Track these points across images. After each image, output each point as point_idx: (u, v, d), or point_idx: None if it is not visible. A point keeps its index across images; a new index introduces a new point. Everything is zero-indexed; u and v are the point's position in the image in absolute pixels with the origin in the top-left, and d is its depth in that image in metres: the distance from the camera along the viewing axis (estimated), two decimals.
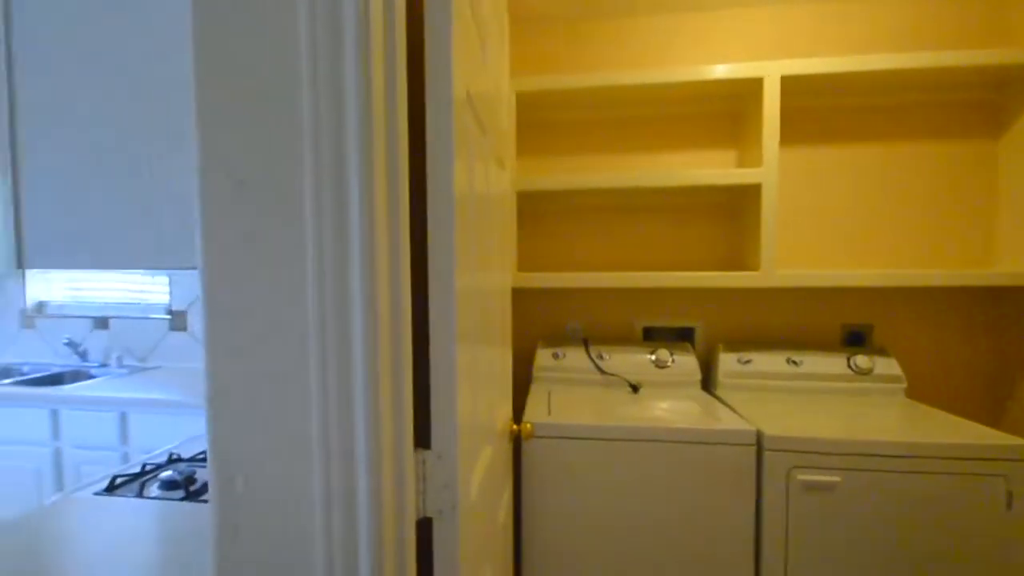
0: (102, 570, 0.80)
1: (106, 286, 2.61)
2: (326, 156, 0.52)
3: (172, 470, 1.19)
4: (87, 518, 0.97)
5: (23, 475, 2.01)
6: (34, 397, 1.96)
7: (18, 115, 0.59)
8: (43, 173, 0.60)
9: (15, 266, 0.59)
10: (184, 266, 0.58)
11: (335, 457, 0.54)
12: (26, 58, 0.60)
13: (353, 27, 0.52)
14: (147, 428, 1.90)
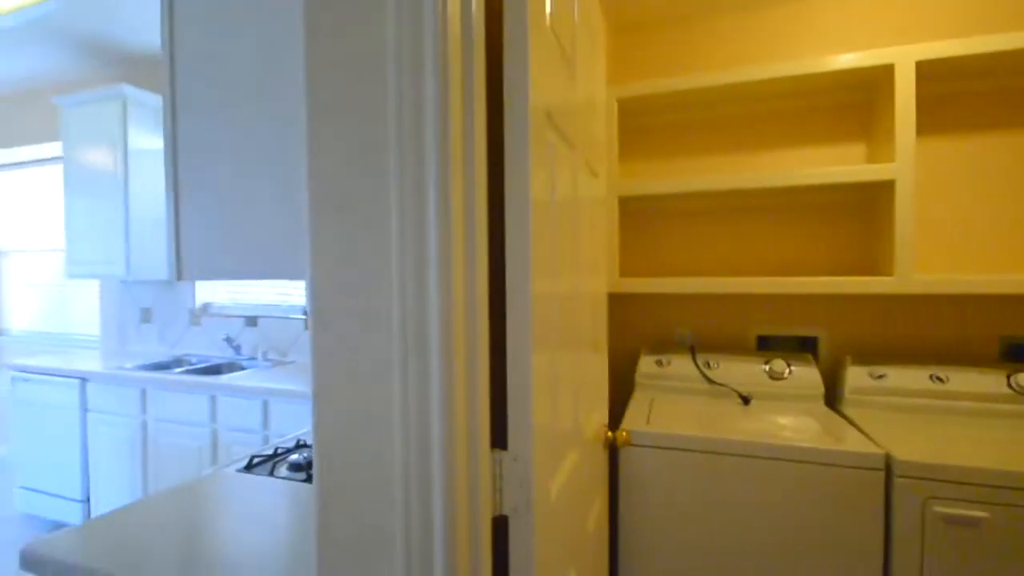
0: (240, 529, 0.94)
1: (257, 290, 3.01)
2: (409, 178, 0.57)
3: (298, 454, 1.35)
4: (230, 489, 1.14)
5: (188, 452, 2.39)
6: (198, 384, 2.33)
7: (179, 146, 0.73)
8: (198, 197, 0.73)
9: (175, 277, 0.72)
10: None
11: (413, 452, 0.59)
12: (186, 91, 0.73)
13: (433, 64, 0.56)
14: (284, 415, 2.17)
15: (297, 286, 2.91)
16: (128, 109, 2.83)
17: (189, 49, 0.80)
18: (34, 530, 2.78)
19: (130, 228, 2.85)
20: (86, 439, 2.63)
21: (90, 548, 0.89)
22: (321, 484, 0.64)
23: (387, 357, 0.60)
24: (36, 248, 4.09)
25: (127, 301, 3.34)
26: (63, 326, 3.97)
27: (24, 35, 2.79)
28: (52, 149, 3.79)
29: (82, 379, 2.61)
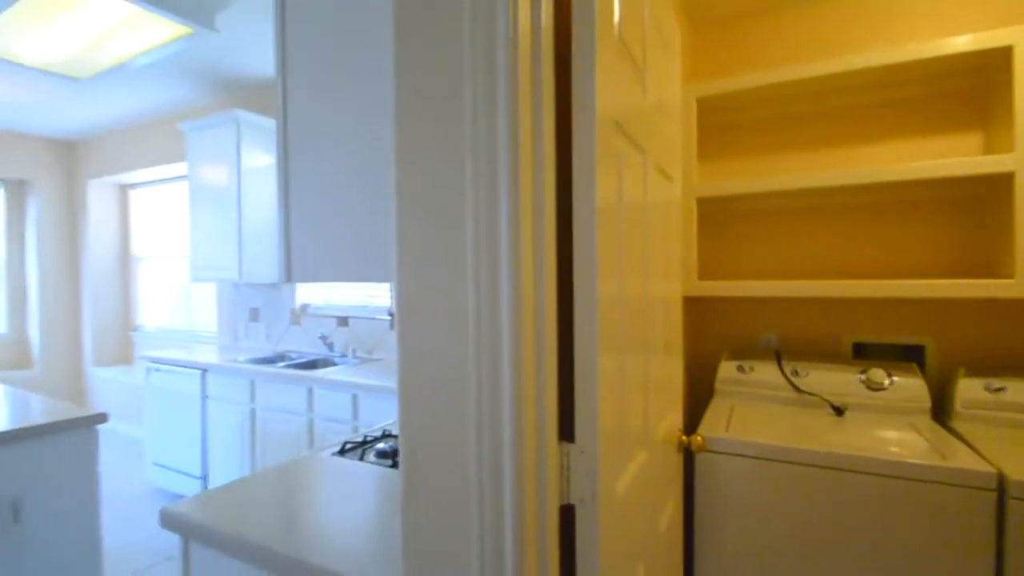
0: (333, 502, 1.04)
1: (348, 293, 3.25)
2: (483, 191, 0.63)
3: (384, 443, 1.46)
4: (325, 469, 1.26)
5: (289, 437, 2.62)
6: (297, 378, 2.55)
7: (290, 165, 0.83)
8: (305, 209, 0.83)
9: (284, 280, 0.82)
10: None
11: (486, 442, 0.64)
12: (295, 116, 0.83)
13: (505, 82, 0.62)
14: (371, 407, 2.33)
15: (383, 289, 3.10)
16: (241, 131, 3.17)
17: (298, 79, 0.91)
18: (164, 500, 3.17)
19: (243, 237, 3.18)
20: (206, 423, 2.96)
21: (212, 511, 1.03)
22: (406, 470, 0.71)
23: (463, 353, 0.65)
24: (165, 255, 4.66)
25: (239, 302, 3.72)
26: (187, 323, 4.49)
27: (155, 72, 3.21)
28: (179, 168, 4.31)
29: (203, 370, 2.95)
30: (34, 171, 4.73)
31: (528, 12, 0.64)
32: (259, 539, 0.93)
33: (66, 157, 4.94)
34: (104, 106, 3.92)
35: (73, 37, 2.58)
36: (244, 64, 3.12)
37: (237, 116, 3.14)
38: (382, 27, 0.85)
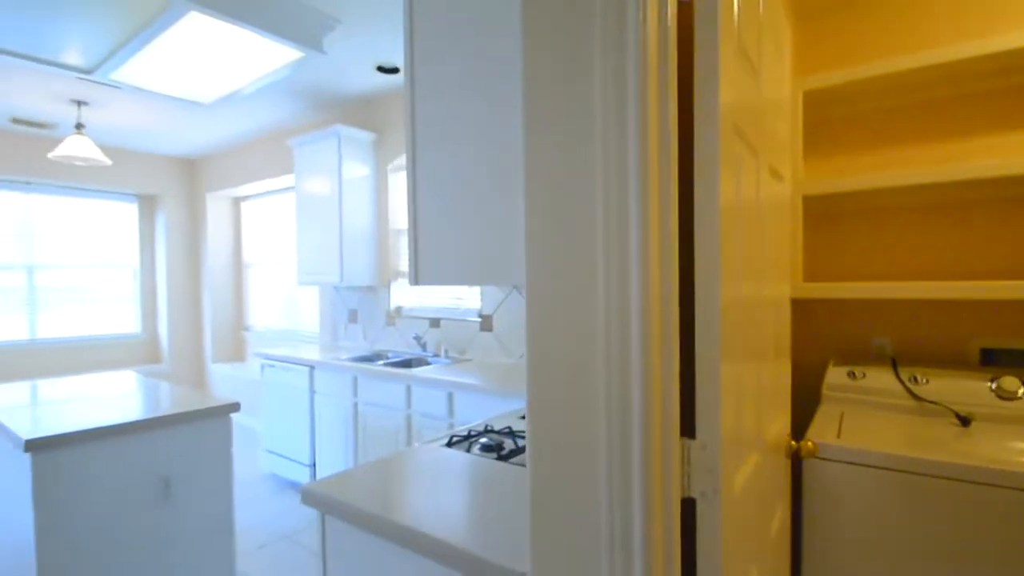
0: (446, 487, 1.12)
1: (439, 295, 3.40)
2: (613, 203, 0.67)
3: (487, 438, 1.53)
4: (437, 458, 1.35)
5: (388, 431, 2.79)
6: (396, 376, 2.71)
7: (418, 177, 0.91)
8: (431, 216, 0.91)
9: (412, 283, 0.90)
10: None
11: (615, 433, 0.68)
12: (423, 127, 0.90)
13: (635, 95, 0.65)
14: (466, 405, 2.43)
15: (471, 293, 3.22)
16: (342, 145, 3.42)
17: (426, 90, 0.99)
18: (276, 485, 3.48)
19: (343, 243, 3.43)
20: (313, 415, 3.21)
21: (345, 489, 1.14)
22: (534, 460, 0.76)
23: (592, 349, 0.70)
24: (272, 260, 5.10)
25: (338, 304, 4.00)
26: (291, 323, 4.88)
27: (266, 94, 3.53)
28: (284, 181, 4.70)
29: (311, 367, 3.21)
30: (162, 187, 5.34)
31: (656, 11, 0.67)
32: (392, 516, 1.02)
33: (188, 173, 5.53)
34: (221, 126, 4.36)
35: (199, 66, 2.91)
36: (343, 82, 3.36)
37: (339, 131, 3.39)
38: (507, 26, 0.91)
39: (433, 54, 0.99)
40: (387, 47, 2.87)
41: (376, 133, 3.62)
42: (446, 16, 0.97)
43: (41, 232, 4.76)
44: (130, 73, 2.98)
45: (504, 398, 2.29)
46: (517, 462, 1.34)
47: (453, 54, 0.96)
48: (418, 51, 0.99)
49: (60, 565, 1.68)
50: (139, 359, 5.38)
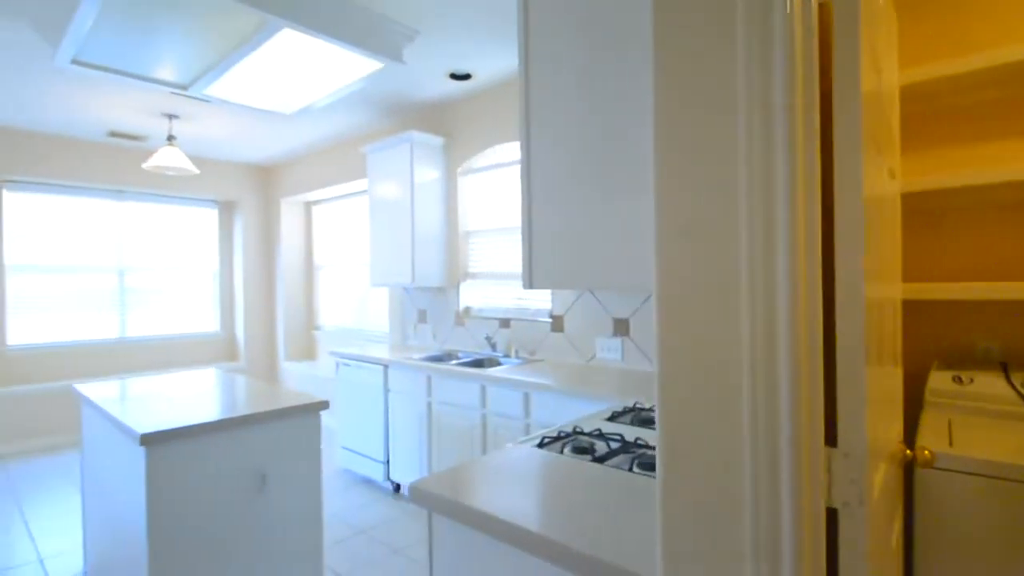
0: (546, 487, 1.14)
1: (508, 295, 3.44)
2: (758, 199, 0.67)
3: (579, 439, 1.54)
4: (534, 460, 1.37)
5: (463, 430, 2.84)
6: (470, 375, 2.77)
7: (532, 183, 0.93)
8: (546, 221, 0.93)
9: (526, 287, 0.92)
10: (641, 288, 0.77)
11: (761, 441, 0.68)
12: (538, 131, 0.92)
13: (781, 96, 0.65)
14: (542, 406, 2.45)
15: (540, 294, 3.24)
16: (414, 150, 3.51)
17: (540, 93, 1.01)
18: (350, 480, 3.62)
19: (415, 245, 3.52)
20: (387, 413, 3.32)
21: (450, 487, 1.18)
22: (667, 467, 0.76)
23: (735, 358, 0.69)
24: (341, 262, 5.30)
25: (408, 304, 4.12)
26: (359, 323, 5.06)
27: (339, 104, 3.68)
28: (353, 186, 4.87)
29: (385, 366, 3.32)
30: (240, 193, 5.66)
31: (801, 15, 0.66)
32: (501, 514, 1.05)
33: (264, 180, 5.83)
34: (297, 135, 4.58)
35: (284, 79, 3.06)
36: (415, 89, 3.45)
37: (412, 137, 3.49)
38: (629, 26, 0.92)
39: (547, 56, 1.01)
40: (460, 54, 2.93)
41: (446, 137, 3.70)
42: (560, 16, 0.99)
43: (131, 237, 5.14)
44: (221, 88, 3.18)
45: (580, 399, 2.29)
46: (613, 465, 1.34)
47: (567, 55, 0.98)
48: (532, 53, 1.01)
49: (168, 551, 1.82)
50: (218, 357, 5.72)
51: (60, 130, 4.41)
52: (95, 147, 4.74)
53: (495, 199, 3.57)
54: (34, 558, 2.67)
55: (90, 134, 4.51)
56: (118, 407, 2.08)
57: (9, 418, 4.33)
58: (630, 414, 1.85)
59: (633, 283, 0.90)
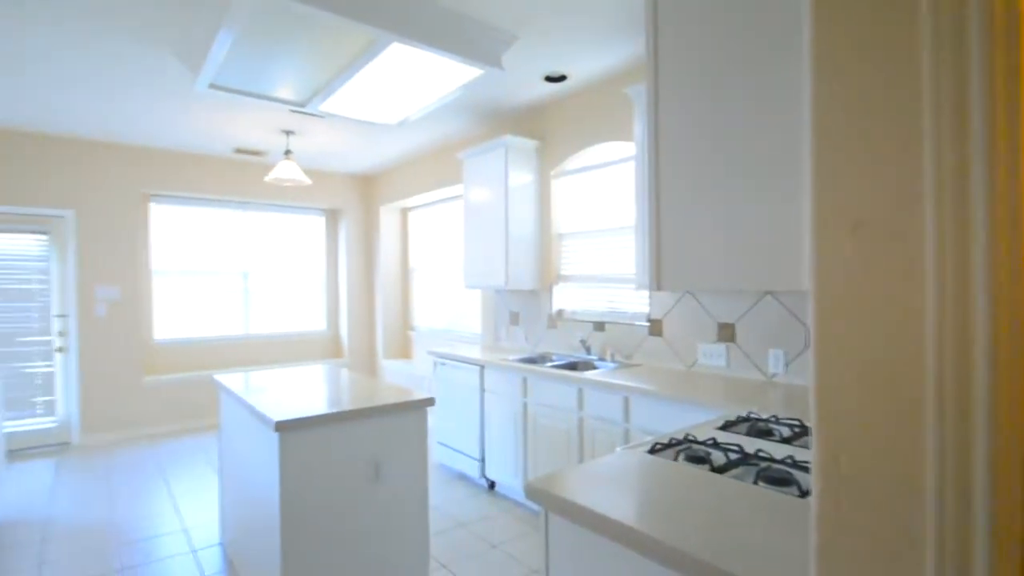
0: (662, 494, 1.10)
1: (602, 298, 3.40)
2: (948, 205, 0.60)
3: (693, 448, 1.49)
4: (644, 465, 1.34)
5: (559, 432, 2.84)
6: (567, 378, 2.76)
7: (660, 182, 0.91)
8: (674, 221, 0.91)
9: (653, 289, 0.90)
10: (788, 289, 0.73)
11: (949, 461, 0.61)
12: (667, 130, 0.91)
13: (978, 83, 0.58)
14: (642, 411, 2.39)
15: (640, 295, 3.16)
16: (509, 154, 3.58)
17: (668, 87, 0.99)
18: (446, 475, 3.74)
19: (509, 248, 3.58)
20: (483, 412, 3.40)
21: (565, 487, 1.18)
22: (824, 475, 0.71)
23: (917, 367, 0.63)
24: (434, 266, 5.51)
25: (501, 306, 4.19)
26: (451, 324, 5.23)
27: (436, 112, 3.82)
28: (448, 191, 5.04)
29: (481, 366, 3.40)
30: (344, 202, 6.05)
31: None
32: (620, 518, 1.03)
33: (365, 188, 6.20)
34: (396, 144, 4.82)
35: (389, 92, 3.23)
36: (510, 94, 3.51)
37: (507, 141, 3.55)
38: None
39: (673, 52, 0.98)
40: (556, 56, 2.95)
41: (540, 140, 3.73)
42: (693, 10, 0.96)
43: (252, 243, 5.66)
44: (333, 103, 3.42)
45: (683, 406, 2.21)
46: (735, 476, 1.28)
47: (696, 49, 0.94)
48: (662, 51, 0.99)
49: (297, 527, 1.97)
50: (325, 354, 6.14)
51: (195, 148, 4.95)
52: (224, 163, 5.27)
53: (589, 201, 3.54)
54: (178, 527, 3.01)
55: (219, 151, 5.02)
56: (252, 396, 2.29)
57: (156, 403, 4.93)
58: (744, 424, 1.76)
59: (776, 286, 0.85)
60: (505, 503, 3.24)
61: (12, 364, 4.44)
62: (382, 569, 2.17)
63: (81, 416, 4.61)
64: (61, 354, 4.64)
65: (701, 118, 0.95)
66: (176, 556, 2.69)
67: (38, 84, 3.34)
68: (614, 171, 3.38)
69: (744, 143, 0.88)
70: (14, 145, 4.34)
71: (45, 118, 4.03)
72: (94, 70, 3.13)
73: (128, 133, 4.44)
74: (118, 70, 3.14)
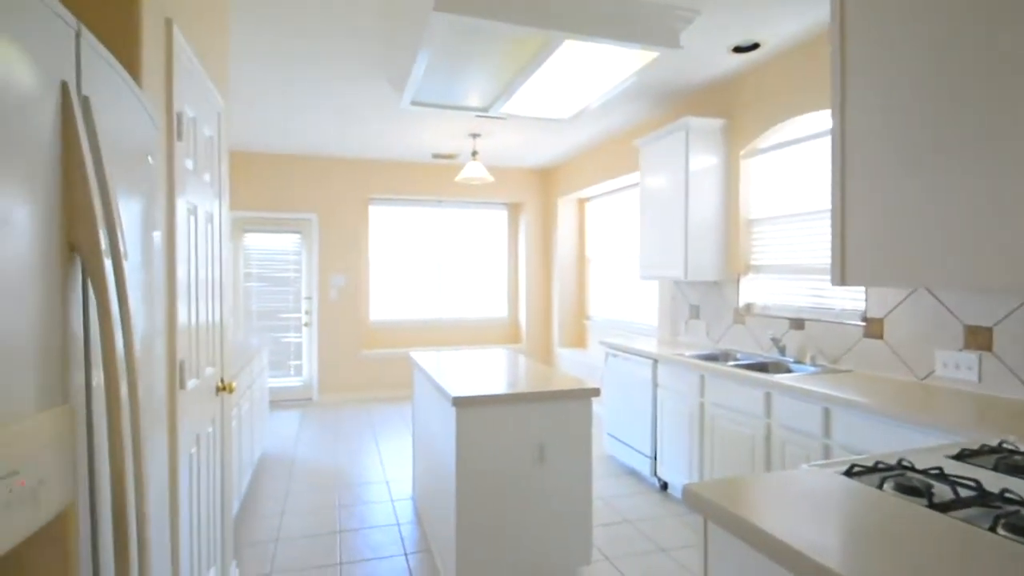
0: (851, 525, 0.91)
1: (802, 291, 2.99)
2: None
3: (906, 476, 1.22)
4: (833, 487, 1.13)
5: (741, 438, 2.59)
6: (753, 380, 2.49)
7: (847, 170, 0.76)
8: (863, 213, 0.75)
9: (837, 283, 0.75)
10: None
11: None
12: (855, 118, 0.75)
13: None
14: (849, 427, 2.04)
15: (852, 290, 2.70)
16: (690, 137, 3.34)
17: (859, 45, 0.82)
18: (615, 468, 3.69)
19: (688, 237, 3.36)
20: (655, 408, 3.27)
21: (730, 498, 1.06)
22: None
23: None
24: (609, 256, 5.44)
25: (679, 299, 3.96)
26: (626, 315, 5.12)
27: (611, 103, 3.73)
28: (622, 181, 4.93)
29: (654, 360, 3.27)
30: (523, 195, 6.32)
31: None
32: (792, 542, 0.89)
33: (543, 181, 6.39)
34: (573, 137, 4.86)
35: (562, 87, 3.26)
36: (690, 71, 3.27)
37: (688, 123, 3.33)
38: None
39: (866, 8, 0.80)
40: (745, 24, 2.65)
41: (726, 119, 3.41)
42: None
43: (445, 237, 6.26)
44: (512, 105, 3.58)
45: (907, 426, 1.82)
46: (962, 518, 1.01)
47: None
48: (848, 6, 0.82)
49: (469, 493, 2.14)
50: (504, 339, 6.53)
51: (403, 157, 5.67)
52: (423, 167, 5.95)
53: (785, 182, 3.13)
54: (382, 479, 3.51)
55: (420, 158, 5.67)
56: (438, 373, 2.54)
57: (369, 373, 5.82)
58: (992, 456, 1.38)
59: (1004, 281, 0.65)
60: (678, 507, 3.08)
61: (274, 334, 5.67)
62: (545, 549, 2.24)
63: (319, 379, 5.67)
64: (307, 328, 5.76)
65: (903, 79, 0.78)
66: (379, 503, 3.15)
67: (306, 118, 4.16)
68: (817, 146, 2.93)
69: (963, 112, 0.69)
70: (280, 166, 5.55)
71: (300, 142, 5.02)
72: (333, 100, 3.77)
73: (355, 149, 5.31)
74: (349, 98, 3.75)
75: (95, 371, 0.84)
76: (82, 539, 0.78)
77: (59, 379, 0.74)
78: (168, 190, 1.50)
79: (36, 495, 0.69)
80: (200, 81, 1.86)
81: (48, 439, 0.70)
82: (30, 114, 0.67)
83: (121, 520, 0.81)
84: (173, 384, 1.54)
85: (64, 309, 0.75)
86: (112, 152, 0.89)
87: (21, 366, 0.65)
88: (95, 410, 0.84)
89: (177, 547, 1.57)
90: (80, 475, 0.78)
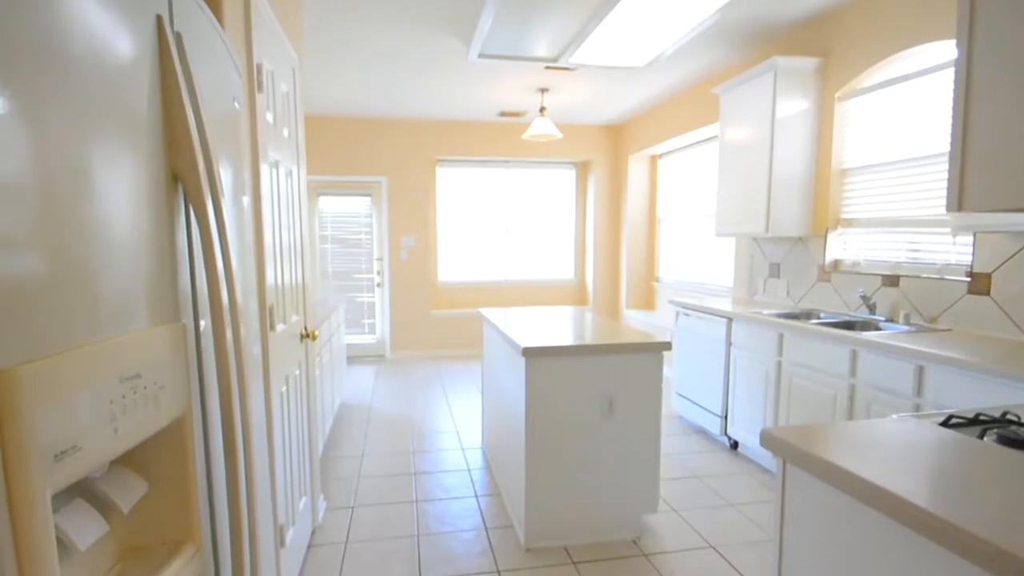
0: (938, 466, 0.85)
1: (899, 245, 2.75)
2: None
3: (1011, 429, 1.11)
4: (926, 435, 1.06)
5: (822, 397, 2.46)
6: (837, 337, 2.34)
7: (972, 88, 0.67)
8: (986, 123, 0.66)
9: (953, 209, 0.67)
10: None
11: None
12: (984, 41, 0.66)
13: None
14: (944, 386, 1.88)
15: (959, 243, 2.45)
16: (778, 79, 3.09)
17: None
18: (683, 427, 3.64)
19: (772, 190, 3.15)
20: (728, 368, 3.16)
21: (810, 441, 1.02)
22: None
23: None
24: (682, 215, 5.22)
25: (758, 256, 3.76)
26: (699, 277, 4.93)
27: (689, 48, 3.49)
28: (700, 134, 4.67)
29: (728, 319, 3.14)
30: (593, 153, 6.15)
31: None
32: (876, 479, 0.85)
33: (613, 139, 6.18)
34: (647, 87, 4.63)
35: (635, 33, 3.09)
36: (782, 5, 3.00)
37: (776, 64, 3.07)
38: None
39: None
40: None
41: (821, 58, 3.11)
42: None
43: (512, 198, 6.24)
44: (583, 54, 3.46)
45: (1009, 384, 1.66)
46: None
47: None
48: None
49: (539, 442, 2.18)
50: (571, 300, 6.50)
51: (469, 116, 5.65)
52: (490, 127, 5.90)
53: (887, 126, 2.84)
54: (453, 428, 3.67)
55: (487, 116, 5.62)
56: (508, 327, 2.58)
57: (438, 332, 6.01)
58: None
59: None
60: (749, 465, 3.00)
61: (349, 294, 5.96)
62: (612, 498, 2.26)
63: (391, 336, 5.93)
64: (379, 288, 6.00)
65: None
66: (450, 450, 3.30)
67: (374, 79, 4.23)
68: (932, 81, 2.61)
69: None
70: (350, 129, 5.69)
71: (368, 105, 5.12)
72: (400, 59, 3.80)
73: (423, 109, 5.33)
74: (416, 55, 3.75)
75: (199, 288, 0.91)
76: (197, 444, 0.88)
77: (171, 296, 0.82)
78: (252, 138, 1.58)
79: (158, 399, 0.77)
80: (276, 34, 1.92)
81: (165, 351, 0.78)
82: (131, 44, 0.72)
83: (230, 429, 0.89)
84: (264, 326, 1.67)
85: (171, 233, 0.82)
86: (201, 90, 0.95)
87: (137, 283, 0.73)
88: (202, 327, 0.92)
89: (274, 474, 1.73)
90: (193, 388, 0.87)
